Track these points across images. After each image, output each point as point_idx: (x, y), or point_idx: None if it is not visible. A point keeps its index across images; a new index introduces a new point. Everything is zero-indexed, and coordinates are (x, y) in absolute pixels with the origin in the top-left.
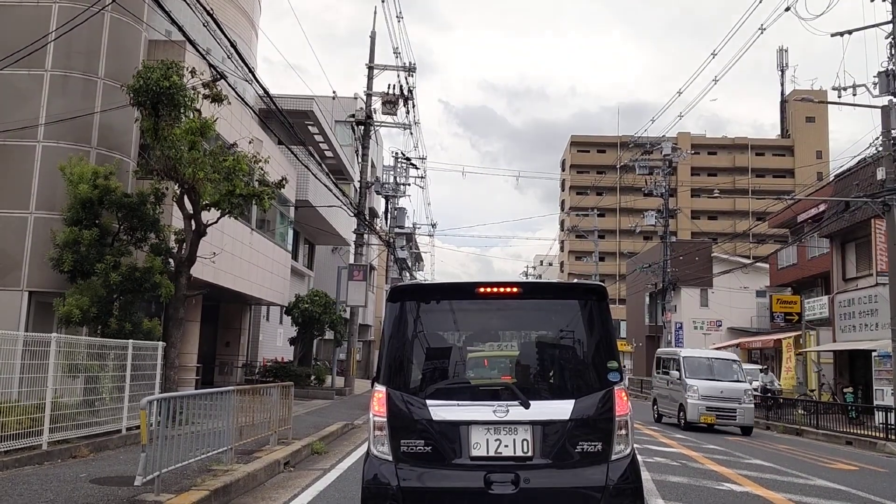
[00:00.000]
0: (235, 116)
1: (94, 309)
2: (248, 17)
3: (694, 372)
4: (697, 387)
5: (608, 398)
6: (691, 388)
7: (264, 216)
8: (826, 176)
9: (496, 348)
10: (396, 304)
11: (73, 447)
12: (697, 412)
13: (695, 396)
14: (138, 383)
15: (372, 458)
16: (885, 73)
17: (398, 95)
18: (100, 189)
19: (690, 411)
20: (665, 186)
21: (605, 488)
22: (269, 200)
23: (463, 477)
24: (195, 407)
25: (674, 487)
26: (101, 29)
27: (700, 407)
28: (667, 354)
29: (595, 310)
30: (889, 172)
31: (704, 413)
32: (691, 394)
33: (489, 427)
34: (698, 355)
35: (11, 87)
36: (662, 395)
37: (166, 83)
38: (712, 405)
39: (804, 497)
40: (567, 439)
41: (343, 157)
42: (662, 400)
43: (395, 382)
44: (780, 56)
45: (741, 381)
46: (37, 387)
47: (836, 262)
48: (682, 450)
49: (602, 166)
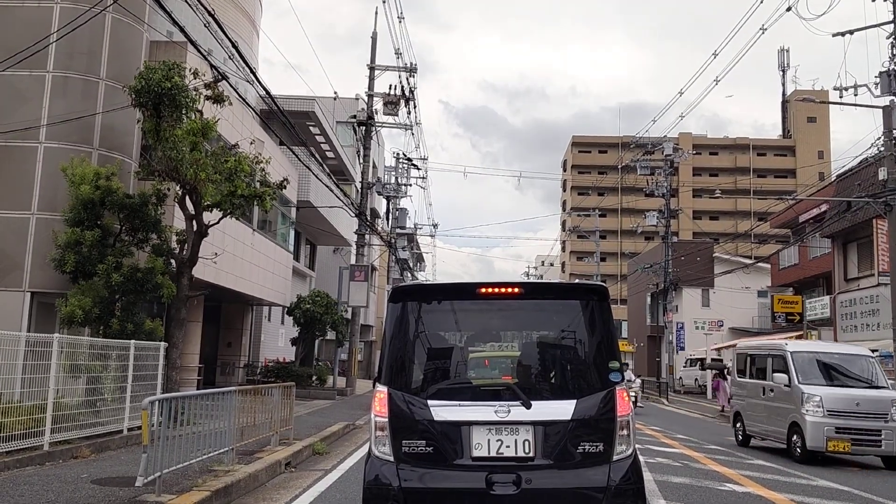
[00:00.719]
0: (237, 117)
1: (96, 309)
2: (249, 18)
3: (810, 374)
4: (821, 397)
5: (610, 398)
6: (811, 398)
7: (266, 217)
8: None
9: (498, 348)
10: (398, 304)
11: (74, 448)
12: (823, 435)
13: (818, 412)
14: (140, 384)
15: (373, 458)
16: (887, 73)
17: (399, 96)
18: (101, 190)
19: (812, 434)
20: (666, 187)
21: (606, 489)
22: (271, 201)
23: (464, 477)
24: (197, 407)
25: (676, 488)
26: (102, 30)
27: (827, 428)
28: (761, 350)
29: (596, 310)
30: (891, 172)
31: (834, 437)
32: (812, 408)
33: (491, 427)
34: (816, 350)
35: (13, 88)
36: (754, 407)
37: (168, 84)
38: (845, 424)
39: (806, 497)
40: (569, 440)
41: (344, 158)
42: (754, 416)
43: (396, 383)
44: (781, 56)
45: (884, 387)
46: (38, 387)
47: (837, 262)
48: (684, 450)
49: (603, 167)
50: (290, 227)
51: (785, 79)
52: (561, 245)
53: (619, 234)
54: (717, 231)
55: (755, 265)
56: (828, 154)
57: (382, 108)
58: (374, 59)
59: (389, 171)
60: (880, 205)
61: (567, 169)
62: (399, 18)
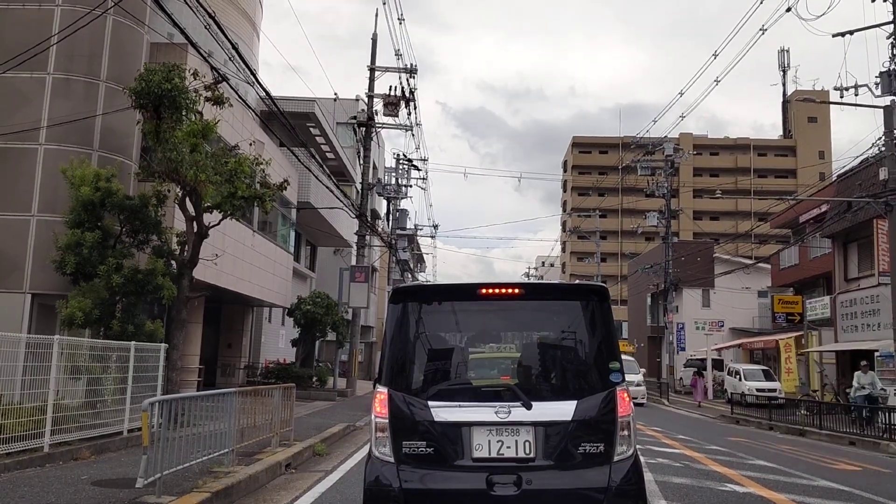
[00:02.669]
0: (237, 118)
1: (96, 311)
2: (249, 20)
3: None
4: None
5: (610, 399)
6: None
7: (266, 218)
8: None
9: (498, 349)
10: (398, 305)
11: (74, 449)
12: None
13: None
14: (140, 385)
15: (374, 459)
16: (888, 73)
17: (400, 97)
18: (102, 191)
19: None
20: (667, 187)
21: (607, 489)
22: (271, 202)
23: (465, 478)
24: (197, 409)
25: (676, 488)
26: (103, 32)
27: None
28: None
29: (597, 310)
30: (892, 172)
31: None
32: None
33: (491, 428)
34: None
35: (14, 90)
36: None
37: (168, 85)
38: None
39: (807, 498)
40: (569, 440)
41: (345, 159)
42: None
43: (397, 384)
44: (781, 57)
45: None
46: (39, 389)
47: (837, 262)
48: (685, 451)
49: (604, 167)
50: (290, 229)
51: (785, 79)
52: (561, 246)
53: (619, 235)
54: (718, 231)
55: (755, 265)
56: (828, 154)
57: (382, 109)
58: (375, 60)
59: (390, 172)
60: (881, 205)
61: (567, 169)
62: (399, 20)
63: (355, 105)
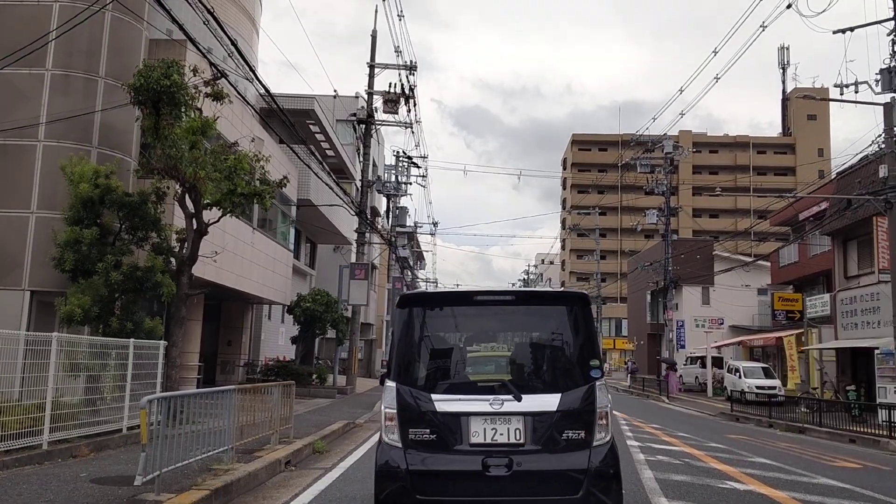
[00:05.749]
0: (236, 115)
1: (95, 308)
2: (248, 16)
3: None
4: None
5: (591, 392)
6: None
7: (266, 215)
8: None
9: (492, 349)
10: (405, 309)
11: (73, 447)
12: None
13: None
14: (139, 382)
15: (384, 444)
16: (888, 70)
17: (399, 94)
18: (101, 188)
19: None
20: (666, 185)
21: (587, 471)
22: (271, 199)
23: (463, 461)
24: (196, 406)
25: (677, 486)
26: (101, 28)
27: None
28: None
29: (579, 314)
30: (891, 170)
31: None
32: None
33: (486, 418)
34: None
35: (12, 87)
36: None
37: (167, 82)
38: None
39: (808, 495)
40: (554, 428)
41: (344, 156)
42: None
43: (404, 379)
44: (781, 54)
45: None
46: (37, 386)
47: (837, 259)
48: (685, 448)
49: (603, 165)
50: (290, 226)
51: (785, 76)
52: (561, 243)
53: (619, 232)
54: (717, 229)
55: (755, 263)
56: (828, 151)
57: (382, 106)
58: (374, 57)
59: (389, 170)
60: (880, 202)
61: (567, 167)
62: (399, 16)
63: (355, 102)
